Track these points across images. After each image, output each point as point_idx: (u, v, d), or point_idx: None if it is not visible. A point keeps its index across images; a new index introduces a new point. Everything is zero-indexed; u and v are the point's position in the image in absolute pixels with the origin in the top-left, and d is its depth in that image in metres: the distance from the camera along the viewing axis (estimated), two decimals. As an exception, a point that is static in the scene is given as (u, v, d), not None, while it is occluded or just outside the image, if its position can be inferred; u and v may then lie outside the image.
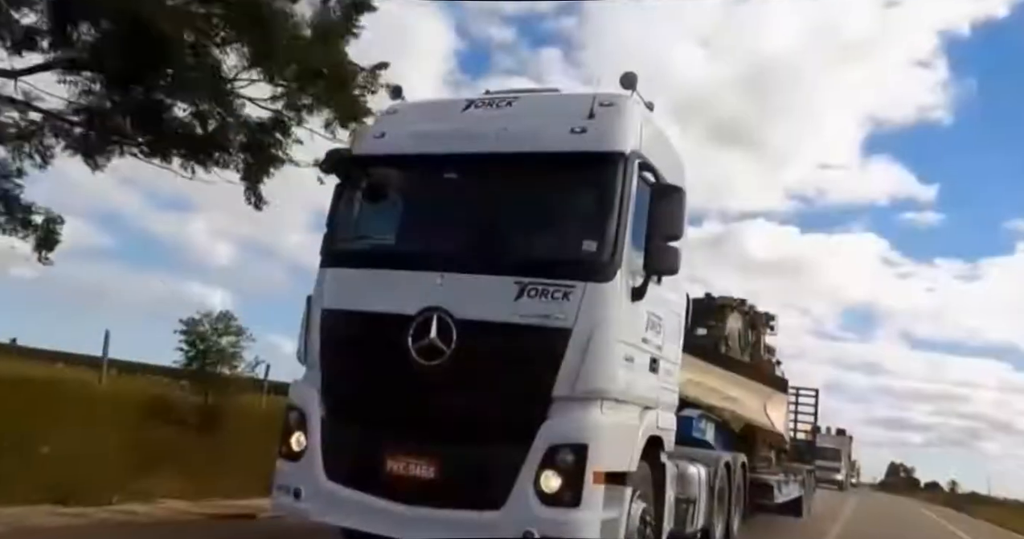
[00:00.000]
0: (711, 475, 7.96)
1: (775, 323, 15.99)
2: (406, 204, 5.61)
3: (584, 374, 4.69)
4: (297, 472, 5.15)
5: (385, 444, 4.95)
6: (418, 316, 4.98)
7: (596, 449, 4.63)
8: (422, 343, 4.93)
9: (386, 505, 4.83)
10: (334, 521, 4.99)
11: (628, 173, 5.04)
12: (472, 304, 4.92)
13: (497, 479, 4.68)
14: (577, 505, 4.54)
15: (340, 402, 5.22)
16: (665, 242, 5.03)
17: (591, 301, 4.77)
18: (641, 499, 5.43)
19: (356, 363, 5.21)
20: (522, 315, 4.79)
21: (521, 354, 4.82)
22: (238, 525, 7.50)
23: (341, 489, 5.00)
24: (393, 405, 5.04)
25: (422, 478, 4.81)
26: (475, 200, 5.30)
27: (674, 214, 5.09)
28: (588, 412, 4.74)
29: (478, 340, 4.87)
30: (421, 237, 5.40)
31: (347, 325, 5.28)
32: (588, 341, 4.71)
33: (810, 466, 16.48)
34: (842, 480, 35.65)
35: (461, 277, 5.01)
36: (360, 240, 5.58)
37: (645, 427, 5.35)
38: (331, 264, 5.53)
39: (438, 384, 4.91)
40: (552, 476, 4.58)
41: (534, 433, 4.66)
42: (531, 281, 4.82)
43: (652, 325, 5.48)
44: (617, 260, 4.89)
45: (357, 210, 5.65)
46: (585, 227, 5.05)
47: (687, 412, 9.37)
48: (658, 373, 5.68)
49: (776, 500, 11.94)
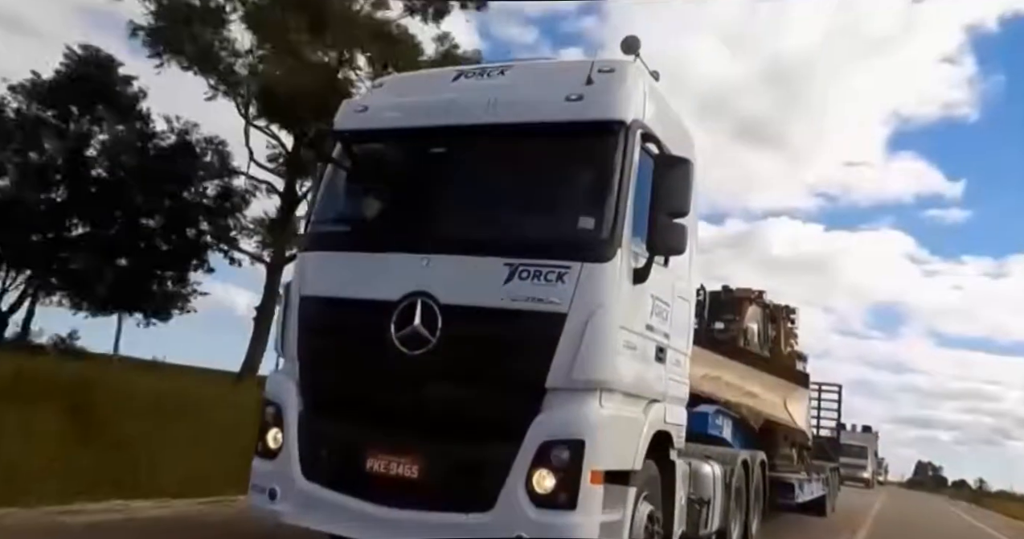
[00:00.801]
0: (727, 474, 7.49)
1: (795, 316, 15.46)
2: (389, 182, 5.20)
3: (580, 363, 4.27)
4: (273, 471, 4.77)
5: (365, 441, 4.56)
6: (401, 302, 4.58)
7: (594, 445, 4.20)
8: (405, 331, 4.53)
9: (366, 507, 4.44)
10: (310, 524, 4.60)
11: (629, 144, 4.61)
12: (459, 288, 4.52)
13: (485, 479, 4.27)
14: (573, 507, 4.12)
15: (318, 396, 4.85)
16: (670, 219, 4.58)
17: (588, 283, 4.35)
18: (648, 500, 5.00)
19: (335, 354, 4.83)
20: (513, 299, 4.37)
21: (511, 342, 4.41)
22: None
23: (319, 490, 4.61)
24: (374, 399, 4.65)
25: (404, 478, 4.41)
26: (462, 176, 4.89)
27: (680, 188, 4.65)
28: (585, 405, 4.31)
29: (465, 327, 4.47)
30: (405, 217, 5.00)
31: (326, 313, 4.90)
32: (585, 327, 4.28)
33: (834, 464, 16.01)
34: (868, 478, 35.15)
35: (447, 259, 4.61)
36: (341, 222, 5.19)
37: (651, 422, 4.91)
38: (310, 248, 5.15)
39: (422, 375, 4.52)
40: (545, 475, 4.17)
41: (526, 428, 4.25)
42: (522, 262, 4.40)
43: (658, 311, 5.04)
44: (616, 238, 4.46)
45: (338, 190, 5.26)
46: (581, 203, 4.63)
47: (702, 408, 8.99)
48: (665, 363, 5.24)
49: (797, 499, 11.49)
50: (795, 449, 12.88)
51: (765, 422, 10.50)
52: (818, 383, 17.96)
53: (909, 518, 21.96)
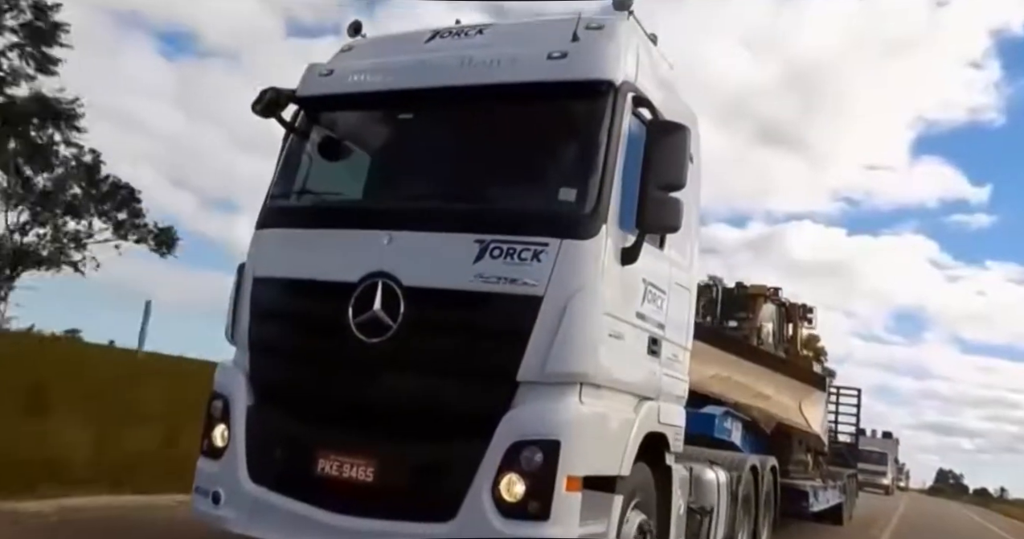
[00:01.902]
0: (733, 481, 6.92)
1: (813, 316, 14.82)
2: (352, 152, 4.71)
3: (557, 353, 3.75)
4: (218, 472, 4.29)
5: (317, 440, 4.06)
6: (360, 284, 4.08)
7: (571, 447, 3.68)
8: (364, 317, 4.03)
9: (317, 514, 3.94)
10: (256, 534, 4.10)
11: (618, 107, 4.08)
12: (423, 268, 4.01)
13: (447, 484, 3.77)
14: (546, 517, 3.60)
15: (269, 389, 4.36)
16: (663, 192, 4.05)
17: (567, 262, 3.83)
18: (639, 509, 4.47)
19: (288, 342, 4.34)
20: (483, 280, 3.86)
21: (480, 328, 3.90)
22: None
23: (267, 494, 4.12)
24: (328, 392, 4.16)
25: (358, 482, 3.91)
26: (431, 144, 4.38)
27: (675, 157, 4.10)
28: (562, 401, 3.79)
29: (429, 312, 3.97)
30: (367, 189, 4.52)
31: (279, 296, 4.41)
32: (562, 312, 3.76)
33: (851, 470, 15.36)
34: (888, 484, 34.50)
35: (411, 236, 4.10)
36: (299, 196, 4.69)
37: (641, 422, 4.37)
38: (266, 225, 4.65)
39: (380, 366, 4.03)
40: (515, 481, 3.65)
41: (494, 427, 3.73)
42: (494, 239, 3.89)
43: (651, 298, 4.50)
44: (601, 213, 3.93)
45: (299, 162, 4.75)
46: (562, 173, 4.11)
47: (709, 409, 8.45)
48: (659, 357, 4.69)
49: (812, 508, 10.85)
50: (810, 455, 12.26)
51: (778, 426, 9.87)
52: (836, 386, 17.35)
53: (927, 516, 28.27)
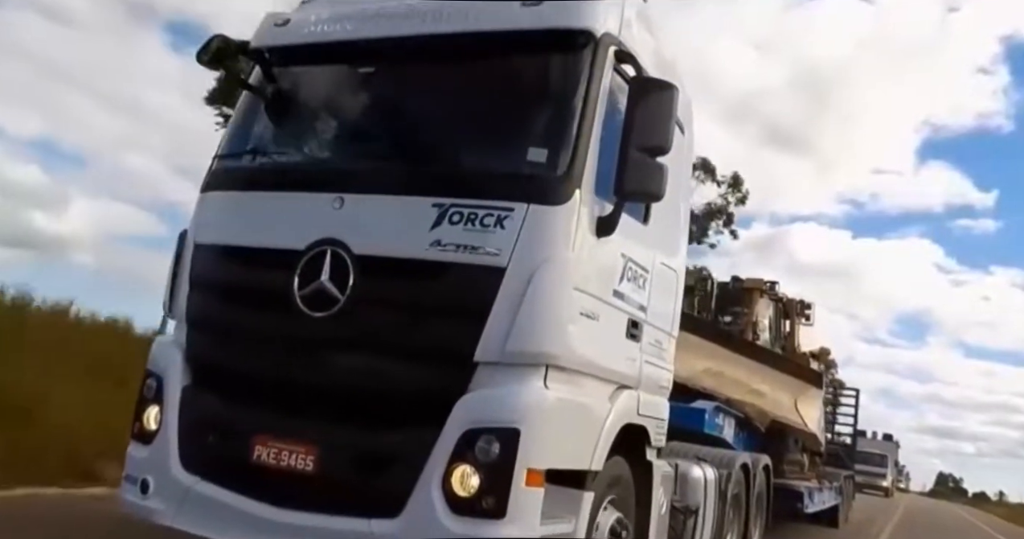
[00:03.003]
0: (722, 479, 6.51)
1: (811, 312, 14.39)
2: (306, 108, 4.29)
3: (519, 330, 3.33)
4: (148, 459, 3.88)
5: (252, 425, 3.66)
6: (307, 252, 3.68)
7: (532, 436, 3.27)
8: (310, 288, 3.62)
9: (250, 506, 3.54)
10: (186, 527, 3.69)
11: (598, 61, 3.67)
12: (376, 235, 3.60)
13: (394, 476, 3.36)
14: (501, 515, 3.19)
15: (205, 367, 3.95)
16: (645, 155, 3.63)
17: (534, 230, 3.42)
18: (614, 506, 4.06)
19: (226, 315, 3.94)
20: (440, 248, 3.45)
21: (434, 302, 3.50)
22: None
23: (199, 483, 3.72)
24: (266, 372, 3.75)
25: (296, 472, 3.50)
26: (391, 99, 3.96)
27: (660, 118, 3.68)
28: (524, 384, 3.37)
29: (380, 284, 3.56)
30: (321, 149, 4.11)
31: (219, 265, 4.00)
32: (527, 285, 3.35)
33: (848, 471, 14.98)
34: (888, 487, 34.21)
35: (363, 199, 3.69)
36: (249, 156, 4.26)
37: (618, 412, 3.96)
38: (211, 187, 4.24)
39: (326, 343, 3.63)
40: (468, 473, 3.24)
41: (447, 412, 3.33)
42: (454, 203, 3.48)
43: (631, 276, 4.09)
44: (575, 176, 3.52)
45: (251, 119, 4.34)
46: (533, 131, 3.69)
47: (699, 404, 8.05)
48: (639, 342, 4.28)
49: (807, 509, 10.47)
50: (806, 455, 11.87)
51: (772, 423, 9.46)
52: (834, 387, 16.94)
53: (925, 512, 33.53)
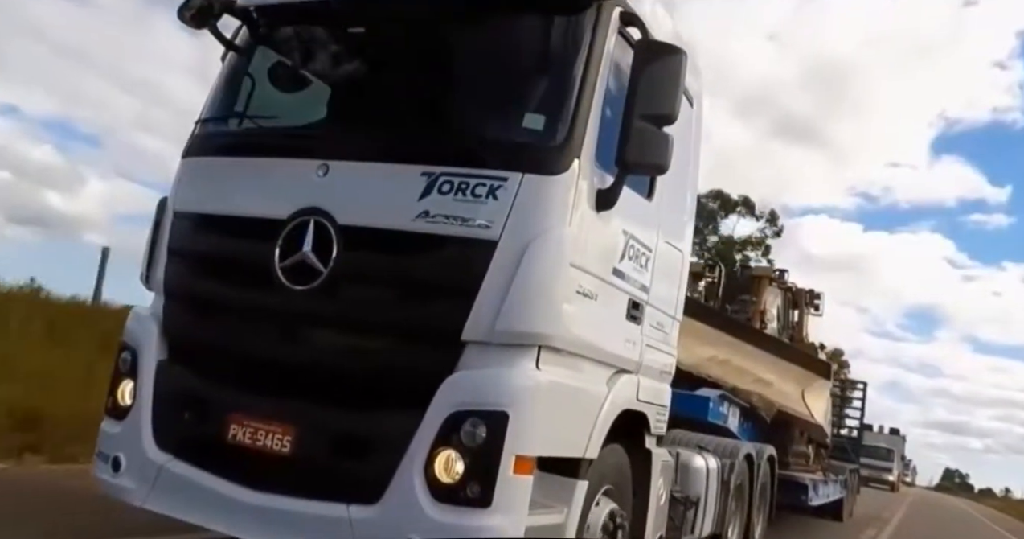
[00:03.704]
0: (725, 469, 6.32)
1: (820, 302, 14.14)
2: (292, 69, 4.07)
3: (510, 308, 3.12)
4: (120, 435, 3.70)
5: (229, 402, 3.47)
6: (290, 221, 3.47)
7: (522, 421, 3.06)
8: (291, 259, 3.42)
9: (223, 488, 3.36)
10: (158, 508, 3.52)
11: (601, 22, 3.44)
12: (361, 205, 3.39)
13: (375, 459, 3.17)
14: (486, 504, 2.99)
15: (181, 340, 3.76)
16: (651, 124, 3.40)
17: (529, 201, 3.20)
18: (610, 496, 3.87)
19: (204, 287, 3.74)
20: (428, 220, 3.24)
21: (421, 276, 3.29)
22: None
23: (172, 462, 3.53)
24: (244, 347, 3.56)
25: (273, 453, 3.31)
26: (381, 62, 3.73)
27: (667, 85, 3.44)
28: (514, 366, 3.16)
29: (365, 256, 3.35)
30: (308, 114, 3.89)
31: (198, 233, 3.80)
32: (520, 259, 3.14)
33: (854, 465, 14.77)
34: (894, 481, 34.05)
35: (349, 167, 3.47)
36: (232, 121, 4.04)
37: (615, 397, 3.75)
38: (193, 153, 4.03)
39: (307, 318, 3.43)
40: (453, 459, 3.04)
41: (433, 393, 3.13)
42: (444, 171, 3.26)
43: (633, 254, 3.87)
44: (574, 145, 3.29)
45: (236, 82, 4.11)
46: (531, 96, 3.48)
47: (703, 392, 7.84)
48: (641, 324, 4.06)
49: (811, 502, 10.26)
50: (811, 446, 11.67)
51: (778, 414, 9.25)
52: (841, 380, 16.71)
53: (930, 505, 34.02)
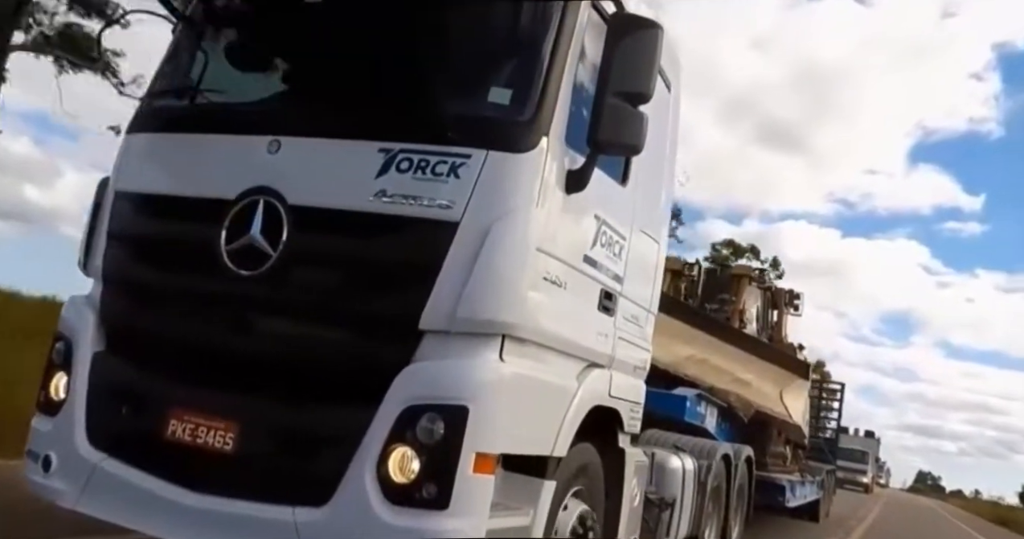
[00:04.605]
0: (702, 470, 6.13)
1: (800, 302, 14.04)
2: (244, 40, 3.81)
3: (471, 294, 2.90)
4: (52, 432, 3.44)
5: (168, 396, 3.21)
6: (236, 202, 3.22)
7: (484, 416, 2.84)
8: (238, 243, 3.17)
9: (161, 489, 3.10)
10: (90, 512, 3.25)
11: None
12: (314, 184, 3.16)
13: (324, 458, 2.93)
14: (443, 505, 2.76)
15: (119, 330, 3.50)
16: (624, 102, 3.19)
17: (493, 180, 2.98)
18: (579, 497, 3.65)
19: (145, 272, 3.48)
20: (385, 199, 3.01)
21: (376, 260, 3.06)
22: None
23: (106, 461, 3.27)
24: (186, 336, 3.31)
25: (214, 451, 3.06)
26: (333, 31, 3.47)
27: (642, 61, 3.23)
28: (476, 356, 2.94)
29: (316, 238, 3.12)
30: (257, 86, 3.65)
31: (140, 215, 3.54)
32: (482, 242, 2.92)
33: (830, 466, 14.70)
34: (868, 483, 34.49)
35: (302, 143, 3.23)
36: (181, 95, 3.78)
37: (586, 393, 3.53)
38: (137, 128, 3.77)
39: (254, 305, 3.19)
40: (408, 457, 2.81)
41: (387, 386, 2.89)
42: (403, 148, 3.03)
43: (606, 242, 3.66)
44: (543, 122, 3.08)
45: (184, 54, 3.85)
46: (496, 69, 3.26)
47: (681, 391, 7.67)
48: (613, 316, 3.86)
49: (788, 503, 10.14)
50: (789, 447, 11.55)
51: (756, 414, 9.11)
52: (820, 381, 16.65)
53: (903, 504, 38.22)
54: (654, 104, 3.41)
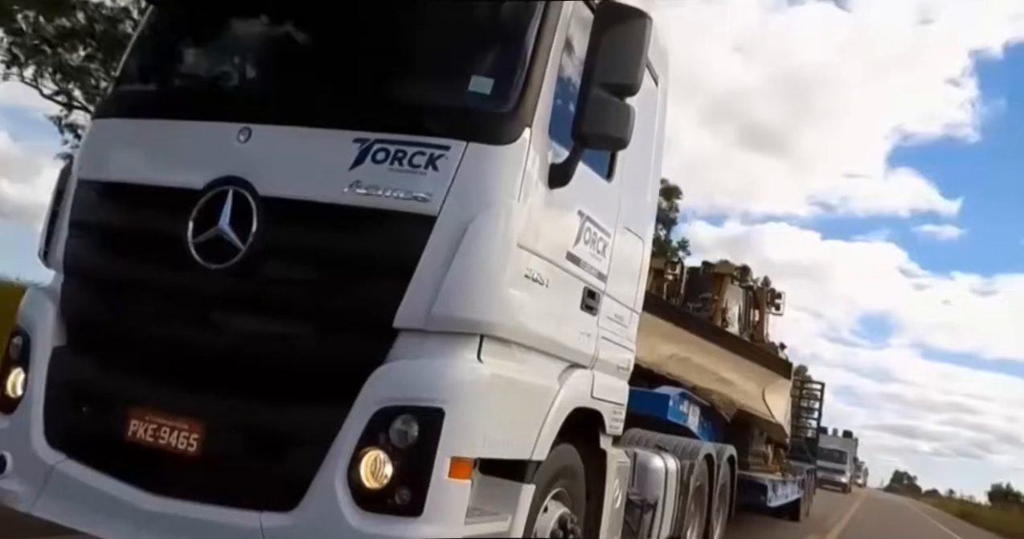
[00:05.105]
0: (685, 470, 6.05)
1: (781, 302, 14.08)
2: (216, 24, 3.65)
3: (449, 292, 2.78)
4: (7, 431, 3.27)
5: (130, 395, 3.07)
6: (205, 192, 3.08)
7: (460, 418, 2.72)
8: (206, 235, 3.03)
9: (121, 492, 2.95)
10: (44, 514, 3.10)
11: None
12: (286, 174, 3.02)
13: (293, 461, 2.80)
14: (418, 512, 2.64)
15: (81, 325, 3.34)
16: (611, 94, 3.08)
17: (473, 172, 2.85)
18: (560, 500, 3.55)
19: (108, 264, 3.33)
20: (360, 191, 2.88)
21: (350, 255, 2.93)
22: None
23: (64, 463, 3.11)
24: (150, 333, 3.16)
25: (178, 452, 2.92)
26: (309, 16, 3.34)
27: (629, 52, 3.12)
28: (453, 356, 2.82)
29: (288, 231, 2.98)
30: (229, 72, 3.51)
31: (103, 204, 3.38)
32: (461, 237, 2.80)
33: (811, 465, 14.76)
34: (846, 483, 34.86)
35: (274, 131, 3.09)
36: (151, 80, 3.63)
37: (568, 394, 3.42)
38: (104, 114, 3.63)
39: (221, 301, 3.05)
40: (380, 460, 2.69)
41: (360, 386, 2.77)
42: (379, 138, 2.90)
43: (590, 239, 3.54)
44: (525, 113, 2.96)
45: (157, 36, 3.70)
46: (478, 57, 3.13)
47: (663, 390, 7.62)
48: (597, 315, 3.74)
49: (770, 503, 10.14)
50: (771, 446, 11.58)
51: (739, 413, 9.08)
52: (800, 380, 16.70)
53: (880, 501, 41.27)
54: (641, 98, 3.31)
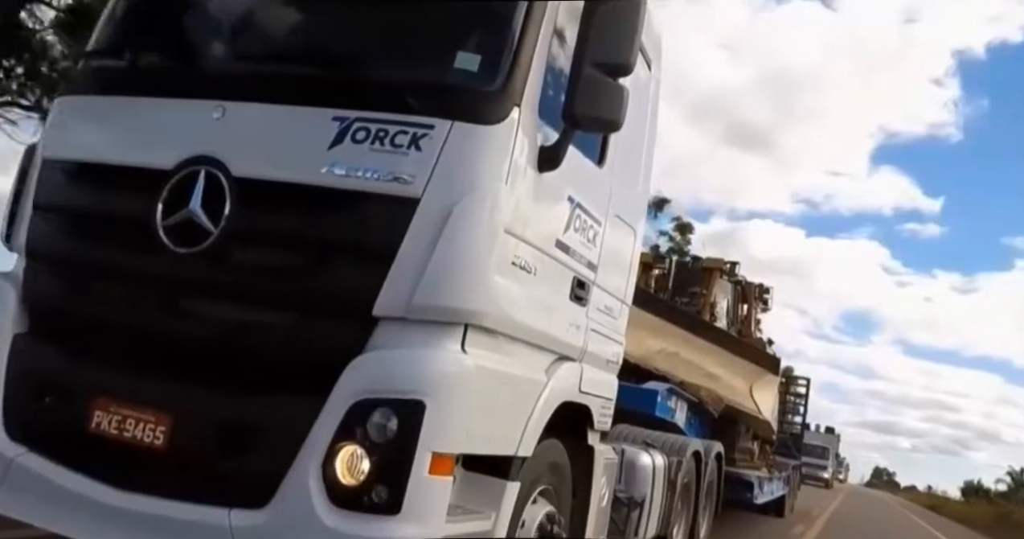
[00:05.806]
0: (672, 467, 5.96)
1: (769, 297, 14.05)
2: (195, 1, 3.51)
3: (431, 278, 2.64)
4: None
5: (95, 384, 2.91)
6: (175, 172, 2.92)
7: (441, 412, 2.58)
8: (176, 217, 2.87)
9: (83, 486, 2.79)
10: (4, 510, 2.94)
11: None
12: (261, 153, 2.86)
13: (263, 456, 2.65)
14: (395, 510, 2.50)
15: (44, 311, 3.18)
16: (603, 73, 2.94)
17: (458, 153, 2.71)
18: (546, 497, 3.42)
19: (73, 247, 3.17)
20: (338, 172, 2.73)
21: (328, 239, 2.78)
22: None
23: (25, 456, 2.95)
24: (116, 319, 3.01)
25: (144, 445, 2.77)
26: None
27: (623, 31, 2.98)
28: (435, 346, 2.68)
29: (262, 214, 2.83)
30: (203, 47, 3.33)
31: (68, 185, 3.21)
32: (445, 221, 2.65)
33: (796, 461, 14.76)
34: (828, 479, 35.17)
35: (251, 109, 2.93)
36: (121, 55, 3.45)
37: (555, 387, 3.28)
38: (71, 91, 3.47)
39: (191, 286, 2.90)
40: (357, 456, 2.54)
41: (335, 377, 2.63)
42: (359, 116, 2.75)
43: (580, 226, 3.41)
44: (514, 91, 2.82)
45: (128, 10, 3.54)
46: (464, 32, 2.97)
47: (651, 385, 7.53)
48: (586, 306, 3.62)
49: (756, 499, 10.10)
50: (757, 443, 11.53)
51: (726, 409, 9.02)
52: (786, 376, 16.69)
53: (860, 495, 46.77)
54: (634, 82, 3.18)
